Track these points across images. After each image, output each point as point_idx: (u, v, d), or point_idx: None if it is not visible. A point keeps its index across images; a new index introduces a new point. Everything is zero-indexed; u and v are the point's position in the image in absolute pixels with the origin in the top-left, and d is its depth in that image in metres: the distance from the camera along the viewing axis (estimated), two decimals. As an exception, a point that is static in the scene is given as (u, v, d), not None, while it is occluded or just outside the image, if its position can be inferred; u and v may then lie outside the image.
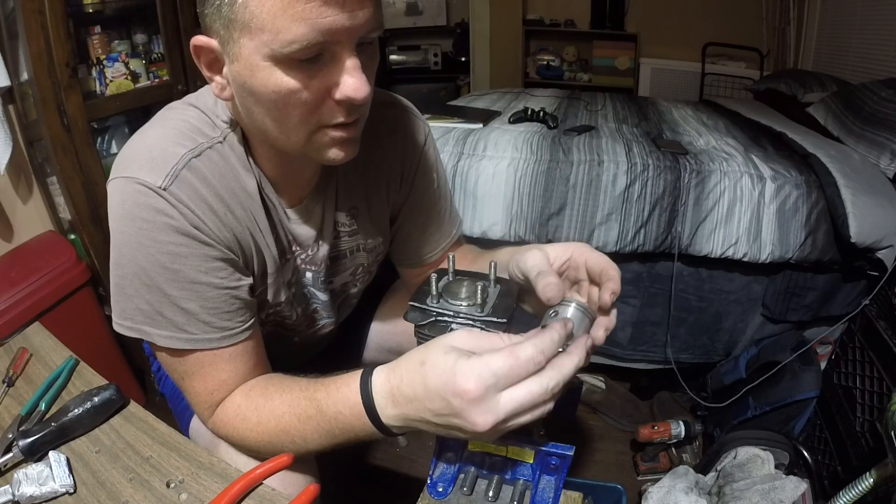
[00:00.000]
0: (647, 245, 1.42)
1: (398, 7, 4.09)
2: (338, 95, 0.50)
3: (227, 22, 0.48)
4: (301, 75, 0.48)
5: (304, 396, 0.56)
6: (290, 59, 0.47)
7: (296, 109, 0.51)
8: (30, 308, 1.32)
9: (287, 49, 0.46)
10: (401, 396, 0.48)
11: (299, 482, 0.62)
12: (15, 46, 1.41)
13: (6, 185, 1.51)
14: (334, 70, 0.49)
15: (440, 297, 0.53)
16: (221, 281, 0.58)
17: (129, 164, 0.55)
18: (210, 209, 0.56)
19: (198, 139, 0.57)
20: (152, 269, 0.54)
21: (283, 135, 0.54)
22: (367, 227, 0.75)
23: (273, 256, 0.65)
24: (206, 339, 0.58)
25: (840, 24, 2.58)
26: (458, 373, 0.43)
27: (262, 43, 0.47)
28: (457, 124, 1.78)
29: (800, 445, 1.18)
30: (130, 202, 0.53)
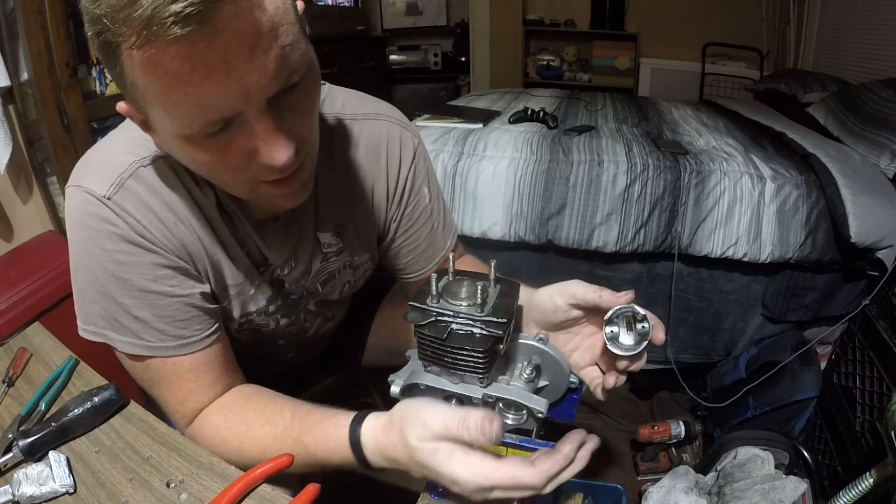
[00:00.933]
0: (647, 245, 1.42)
1: (398, 7, 4.10)
2: (263, 162, 0.46)
3: (131, 99, 0.45)
4: (215, 149, 0.45)
5: (290, 436, 0.57)
6: (198, 136, 0.44)
7: (223, 175, 0.49)
8: (30, 308, 1.32)
9: (187, 131, 0.43)
10: (394, 462, 0.51)
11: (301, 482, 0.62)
12: (15, 46, 1.41)
13: (6, 185, 1.51)
14: (247, 137, 0.45)
15: (440, 297, 0.53)
16: (172, 289, 0.57)
17: (80, 172, 0.55)
18: (156, 217, 0.55)
19: (152, 148, 0.55)
20: (103, 277, 0.55)
21: (228, 190, 0.54)
22: (354, 245, 0.73)
23: (234, 269, 0.63)
24: (162, 347, 0.58)
25: (840, 24, 2.58)
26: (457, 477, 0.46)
27: (164, 122, 0.44)
28: (457, 124, 1.78)
29: (800, 445, 1.18)
30: (79, 210, 0.54)
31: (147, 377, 0.61)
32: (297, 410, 0.59)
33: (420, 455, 0.48)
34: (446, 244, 0.80)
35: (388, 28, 4.14)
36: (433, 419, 0.48)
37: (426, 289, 0.53)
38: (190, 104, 0.41)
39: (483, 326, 0.51)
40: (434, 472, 0.48)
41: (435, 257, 0.79)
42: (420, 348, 0.55)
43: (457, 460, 0.46)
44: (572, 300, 0.58)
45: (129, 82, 0.42)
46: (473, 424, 0.46)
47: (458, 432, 0.47)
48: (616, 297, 0.55)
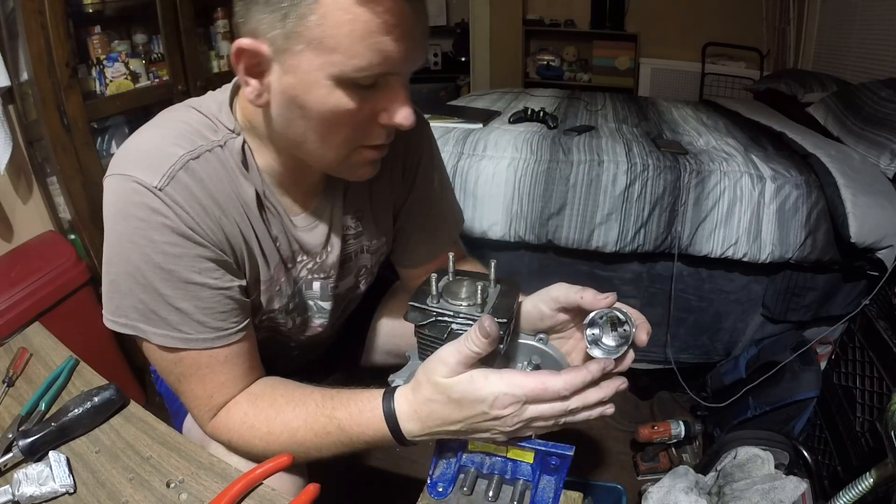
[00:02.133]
0: (647, 245, 1.42)
1: (398, 7, 4.09)
2: (386, 120, 0.54)
3: (289, 33, 0.48)
4: (358, 98, 0.51)
5: (323, 414, 0.57)
6: (353, 83, 0.50)
7: (344, 129, 0.54)
8: (30, 308, 1.32)
9: (355, 74, 0.49)
10: (432, 421, 0.52)
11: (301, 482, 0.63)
12: (15, 46, 1.41)
13: (6, 185, 1.51)
14: (386, 97, 0.53)
15: (440, 297, 0.53)
16: (215, 282, 0.58)
17: (126, 162, 0.54)
18: (204, 211, 0.56)
19: (197, 141, 0.57)
20: (147, 268, 0.54)
21: (322, 150, 0.56)
22: (371, 229, 0.76)
23: (266, 265, 0.65)
24: (200, 339, 0.58)
25: (840, 24, 2.58)
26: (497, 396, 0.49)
27: (329, 63, 0.48)
28: (457, 124, 1.78)
29: (800, 445, 1.18)
30: (125, 200, 0.53)
31: (177, 371, 0.60)
32: (325, 392, 0.60)
33: (457, 389, 0.50)
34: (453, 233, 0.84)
35: (388, 28, 4.14)
36: (446, 353, 0.51)
37: (426, 289, 0.54)
38: (377, 50, 0.48)
39: (483, 326, 0.51)
40: (474, 400, 0.50)
41: (440, 243, 0.82)
42: (420, 348, 0.55)
43: (492, 378, 0.50)
44: (556, 305, 0.60)
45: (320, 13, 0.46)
46: (474, 333, 0.49)
47: (468, 347, 0.49)
48: (598, 298, 0.56)
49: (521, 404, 0.50)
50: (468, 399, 0.50)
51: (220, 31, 1.98)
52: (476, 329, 0.49)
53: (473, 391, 0.50)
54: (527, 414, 0.50)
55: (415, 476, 1.43)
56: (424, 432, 0.54)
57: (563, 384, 0.49)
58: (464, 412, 0.51)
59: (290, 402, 0.60)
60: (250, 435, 0.60)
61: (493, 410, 0.49)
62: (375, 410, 0.55)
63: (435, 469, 0.57)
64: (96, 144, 1.55)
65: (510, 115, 1.86)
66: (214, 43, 1.99)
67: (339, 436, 0.57)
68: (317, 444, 0.58)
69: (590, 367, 0.51)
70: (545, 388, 0.49)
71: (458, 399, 0.50)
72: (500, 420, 0.50)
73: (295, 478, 0.62)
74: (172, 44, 1.71)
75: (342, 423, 0.56)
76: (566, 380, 0.50)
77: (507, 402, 0.49)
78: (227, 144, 0.59)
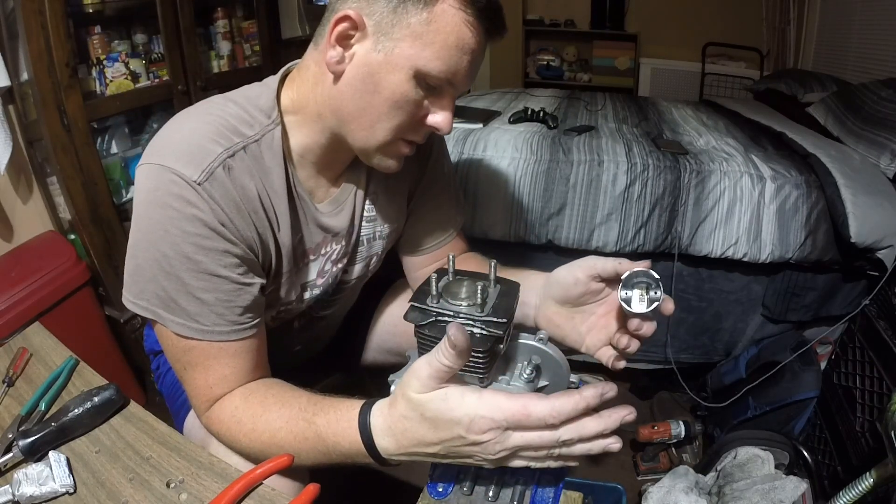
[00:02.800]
0: (647, 245, 1.42)
1: (398, 7, 4.09)
2: (432, 121, 0.62)
3: (397, 19, 0.55)
4: (422, 94, 0.59)
5: (303, 418, 0.57)
6: (426, 80, 0.58)
7: (401, 115, 0.60)
8: (30, 308, 1.32)
9: (434, 73, 0.57)
10: (407, 440, 0.50)
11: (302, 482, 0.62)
12: (15, 46, 1.41)
13: (6, 185, 1.51)
14: (438, 102, 0.61)
15: (440, 297, 0.53)
16: (239, 277, 0.59)
17: (165, 152, 0.55)
18: (237, 209, 0.58)
19: (233, 138, 0.58)
20: (175, 256, 0.55)
21: (372, 129, 0.61)
22: (384, 214, 0.78)
23: (291, 257, 0.67)
24: (215, 332, 0.59)
25: (840, 24, 2.58)
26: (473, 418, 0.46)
27: (419, 56, 0.56)
28: (457, 124, 1.77)
29: (800, 445, 1.18)
30: (163, 190, 0.54)
31: (186, 359, 0.61)
32: (312, 396, 0.60)
33: (430, 407, 0.47)
34: (459, 220, 0.87)
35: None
36: (418, 365, 0.48)
37: (426, 289, 0.54)
38: (456, 62, 0.57)
39: (483, 326, 0.51)
40: (448, 421, 0.47)
41: (447, 230, 0.85)
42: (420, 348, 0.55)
43: (469, 398, 0.46)
44: (592, 271, 0.62)
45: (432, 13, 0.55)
46: (443, 344, 0.45)
47: (438, 360, 0.46)
48: (634, 264, 0.59)
49: (503, 430, 0.46)
50: (442, 419, 0.47)
51: (220, 31, 1.98)
52: (444, 339, 0.45)
53: (447, 411, 0.46)
54: (511, 442, 0.46)
55: (415, 476, 1.43)
56: (401, 452, 0.51)
57: (548, 410, 0.45)
58: (439, 434, 0.48)
59: (278, 402, 0.60)
60: (237, 429, 0.61)
61: (471, 435, 0.46)
62: (352, 421, 0.53)
63: (435, 469, 0.57)
64: (96, 144, 1.55)
65: (510, 115, 1.85)
66: (214, 43, 1.98)
67: (315, 443, 0.56)
68: (296, 449, 0.57)
69: (584, 393, 0.47)
70: (527, 413, 0.45)
71: (432, 419, 0.47)
72: (480, 446, 0.47)
73: (295, 478, 0.62)
74: (172, 44, 1.71)
75: (320, 429, 0.55)
76: (553, 405, 0.45)
77: (484, 427, 0.45)
78: (264, 138, 0.61)
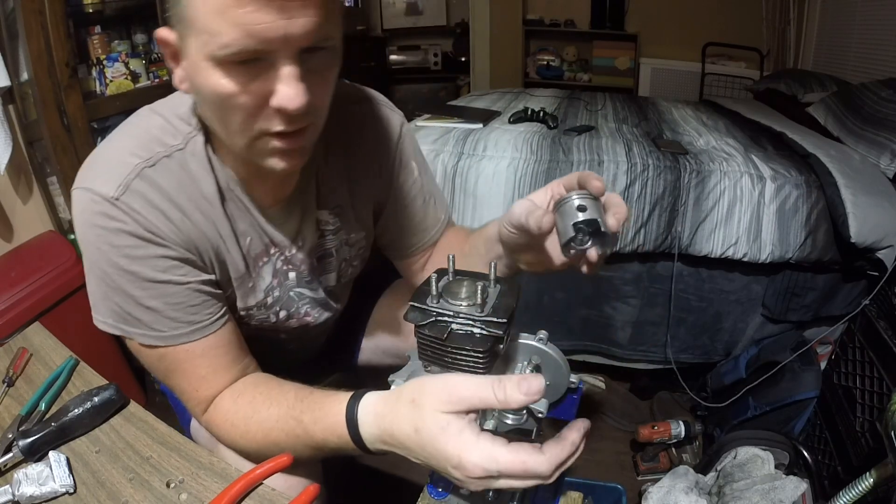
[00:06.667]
0: (647, 245, 1.42)
1: (398, 7, 4.10)
2: (273, 104, 0.49)
3: (179, 19, 0.48)
4: (239, 79, 0.48)
5: (292, 416, 0.57)
6: (228, 62, 0.47)
7: (235, 113, 0.50)
8: (30, 308, 1.32)
9: (222, 52, 0.46)
10: (393, 441, 0.48)
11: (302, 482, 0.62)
12: (15, 46, 1.41)
13: (6, 185, 1.51)
14: (270, 77, 0.48)
15: (440, 297, 0.53)
16: (181, 278, 0.59)
17: (86, 175, 0.57)
18: (163, 215, 0.57)
19: (155, 148, 0.58)
20: (113, 271, 0.56)
21: (228, 137, 0.55)
22: (350, 224, 0.76)
23: (235, 261, 0.65)
24: (175, 335, 0.59)
25: (840, 24, 2.58)
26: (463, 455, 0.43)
27: (202, 43, 0.47)
28: (457, 124, 1.78)
29: (800, 445, 1.18)
30: (88, 211, 0.55)
31: (162, 367, 0.62)
32: (301, 392, 0.59)
33: (426, 428, 0.45)
34: (441, 217, 0.82)
35: (388, 28, 4.14)
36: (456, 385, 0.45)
37: (426, 289, 0.53)
38: (238, 24, 0.44)
39: (483, 326, 0.50)
40: (435, 452, 0.45)
41: (430, 230, 0.81)
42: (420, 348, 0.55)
43: (466, 439, 0.44)
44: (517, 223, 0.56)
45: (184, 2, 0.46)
46: (512, 385, 0.43)
47: (486, 397, 0.44)
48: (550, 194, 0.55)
49: (492, 478, 0.44)
50: (433, 446, 0.45)
51: (220, 31, 1.98)
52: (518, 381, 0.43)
53: (443, 443, 0.44)
54: (496, 485, 0.45)
55: (415, 476, 1.43)
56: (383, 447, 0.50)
57: (545, 465, 0.44)
58: (425, 454, 0.46)
59: (267, 401, 0.60)
60: (233, 432, 0.61)
61: (457, 472, 0.44)
62: (339, 416, 0.52)
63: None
64: (96, 144, 1.55)
65: (510, 115, 1.86)
66: (214, 43, 1.98)
67: (306, 440, 0.56)
68: (290, 445, 0.57)
69: (570, 439, 0.47)
70: (525, 469, 0.43)
71: (423, 441, 0.45)
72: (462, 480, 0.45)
73: (295, 478, 0.62)
74: (172, 44, 1.71)
75: (307, 427, 0.55)
76: (549, 459, 0.44)
77: (475, 473, 0.43)
78: (189, 146, 0.59)
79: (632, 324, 1.55)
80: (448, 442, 0.44)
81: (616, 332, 1.57)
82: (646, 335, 1.55)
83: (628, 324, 1.55)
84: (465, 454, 0.43)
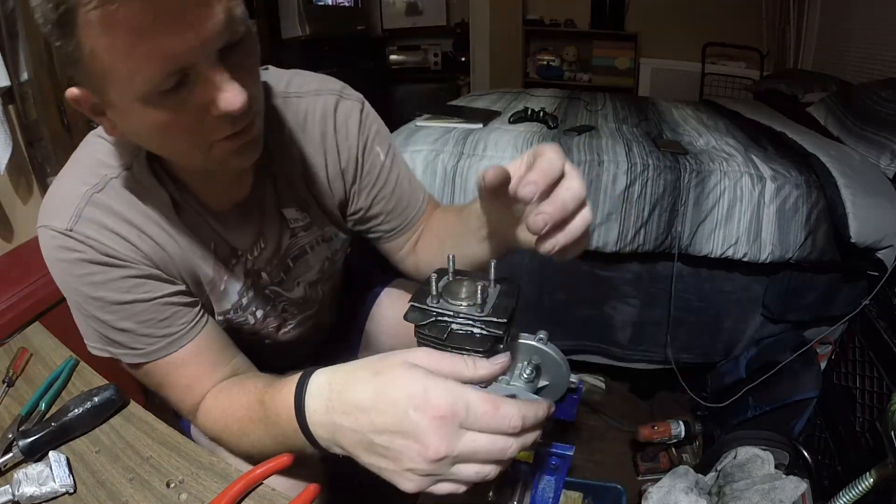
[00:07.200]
0: (647, 245, 1.42)
1: (398, 7, 4.09)
2: (215, 112, 0.48)
3: (87, 74, 0.46)
4: (172, 106, 0.47)
5: (256, 399, 0.56)
6: (156, 95, 0.45)
7: (180, 137, 0.50)
8: (30, 308, 1.32)
9: (147, 87, 0.44)
10: (340, 403, 0.45)
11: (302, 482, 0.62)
12: (15, 46, 1.41)
13: (6, 185, 1.51)
14: (202, 89, 0.47)
15: (440, 297, 0.53)
16: (146, 294, 0.59)
17: (43, 213, 0.58)
18: (118, 236, 0.58)
19: (101, 172, 0.58)
20: (82, 300, 0.59)
21: (181, 160, 0.56)
22: (320, 218, 0.74)
23: (201, 268, 0.65)
24: (152, 351, 0.60)
25: (840, 24, 2.59)
26: (429, 388, 0.41)
27: (123, 88, 0.45)
28: (457, 124, 1.78)
29: (800, 445, 1.18)
30: (49, 247, 0.57)
31: (150, 382, 0.64)
32: (272, 377, 0.58)
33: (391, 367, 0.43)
34: (420, 197, 0.79)
35: (388, 28, 4.14)
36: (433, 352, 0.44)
37: (426, 289, 0.53)
38: (153, 56, 0.43)
39: (483, 326, 0.51)
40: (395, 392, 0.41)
41: (409, 214, 0.78)
42: (420, 348, 0.55)
43: (433, 377, 0.42)
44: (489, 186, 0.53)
45: (87, 51, 0.43)
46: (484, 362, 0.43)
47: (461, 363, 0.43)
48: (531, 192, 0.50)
49: (458, 426, 0.40)
50: (393, 386, 0.42)
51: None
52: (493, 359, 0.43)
53: (408, 378, 0.41)
54: (460, 445, 0.40)
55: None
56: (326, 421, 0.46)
57: (517, 413, 0.42)
58: (380, 403, 0.42)
59: (241, 391, 0.60)
60: (216, 429, 0.61)
61: (417, 415, 0.40)
62: (291, 385, 0.49)
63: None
64: (96, 144, 1.55)
65: (510, 115, 1.86)
66: (214, 43, 1.98)
67: (266, 423, 0.53)
68: (257, 434, 0.55)
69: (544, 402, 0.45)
70: (496, 406, 0.41)
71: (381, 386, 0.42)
72: (419, 442, 0.40)
73: (295, 478, 0.62)
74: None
75: (266, 406, 0.52)
76: (521, 409, 0.42)
77: (440, 409, 0.40)
78: (134, 165, 0.59)
79: (632, 324, 1.55)
80: (415, 377, 0.41)
81: (616, 332, 1.57)
82: (646, 335, 1.55)
83: (628, 324, 1.55)
84: (431, 387, 0.41)
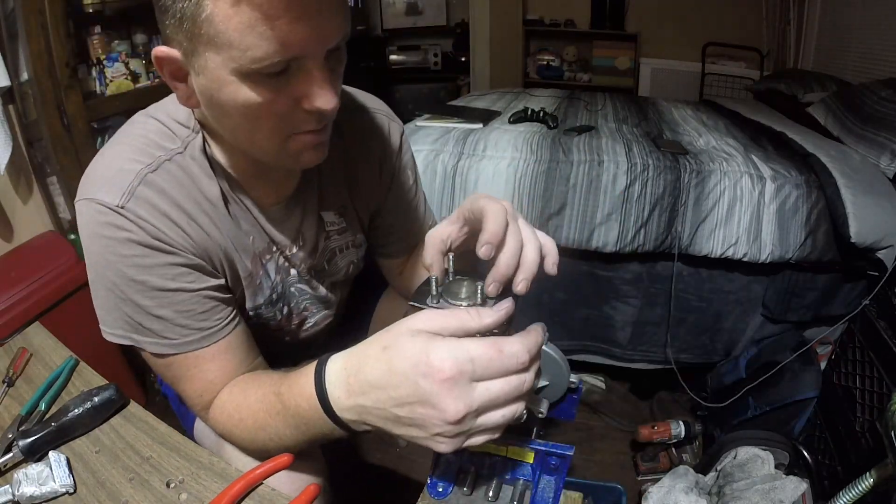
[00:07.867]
0: (647, 245, 1.42)
1: (398, 7, 4.09)
2: (308, 107, 0.50)
3: (189, 35, 0.47)
4: (269, 89, 0.48)
5: (272, 391, 0.55)
6: (258, 74, 0.47)
7: (265, 121, 0.51)
8: (30, 308, 1.32)
9: (255, 66, 0.46)
10: (358, 384, 0.44)
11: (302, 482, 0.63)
12: (15, 46, 1.41)
13: (6, 185, 1.51)
14: (303, 81, 0.49)
15: (440, 298, 0.53)
16: (190, 285, 0.58)
17: (88, 185, 0.56)
18: (170, 220, 0.57)
19: (155, 153, 0.57)
20: (122, 282, 0.56)
21: (255, 145, 0.55)
22: (354, 225, 0.78)
23: (242, 261, 0.65)
24: (185, 343, 0.59)
25: (840, 24, 2.58)
26: (430, 352, 0.40)
27: (228, 58, 0.46)
28: (457, 124, 1.78)
29: (800, 445, 1.18)
30: (93, 222, 0.55)
31: (170, 374, 0.62)
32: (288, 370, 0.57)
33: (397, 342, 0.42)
34: (430, 223, 0.87)
35: (388, 28, 4.14)
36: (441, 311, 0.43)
37: (426, 289, 0.53)
38: (272, 39, 0.44)
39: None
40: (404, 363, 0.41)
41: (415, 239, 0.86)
42: (420, 348, 0.55)
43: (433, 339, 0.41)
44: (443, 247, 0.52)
45: (206, 13, 0.44)
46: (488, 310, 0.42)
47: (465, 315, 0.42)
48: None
49: (468, 381, 0.40)
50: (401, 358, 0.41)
51: (220, 31, 1.98)
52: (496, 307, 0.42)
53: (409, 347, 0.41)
54: (476, 398, 0.40)
55: (415, 476, 1.43)
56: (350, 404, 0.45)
57: (521, 346, 0.41)
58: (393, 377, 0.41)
59: (255, 385, 0.59)
60: (229, 423, 0.60)
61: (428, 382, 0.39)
62: (309, 374, 0.48)
63: (435, 469, 0.57)
64: (96, 144, 1.55)
65: (510, 115, 1.86)
66: (214, 43, 1.98)
67: (285, 415, 0.52)
68: (274, 427, 0.54)
69: (537, 329, 0.45)
70: (500, 350, 0.40)
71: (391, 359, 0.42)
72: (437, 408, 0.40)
73: (295, 478, 0.62)
74: (172, 44, 1.71)
75: (283, 397, 0.52)
76: (522, 341, 0.42)
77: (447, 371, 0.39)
78: (188, 149, 0.59)
79: (632, 324, 1.55)
80: (415, 344, 0.41)
81: (616, 332, 1.57)
82: (646, 335, 1.55)
83: (628, 324, 1.55)
84: (432, 351, 0.40)
